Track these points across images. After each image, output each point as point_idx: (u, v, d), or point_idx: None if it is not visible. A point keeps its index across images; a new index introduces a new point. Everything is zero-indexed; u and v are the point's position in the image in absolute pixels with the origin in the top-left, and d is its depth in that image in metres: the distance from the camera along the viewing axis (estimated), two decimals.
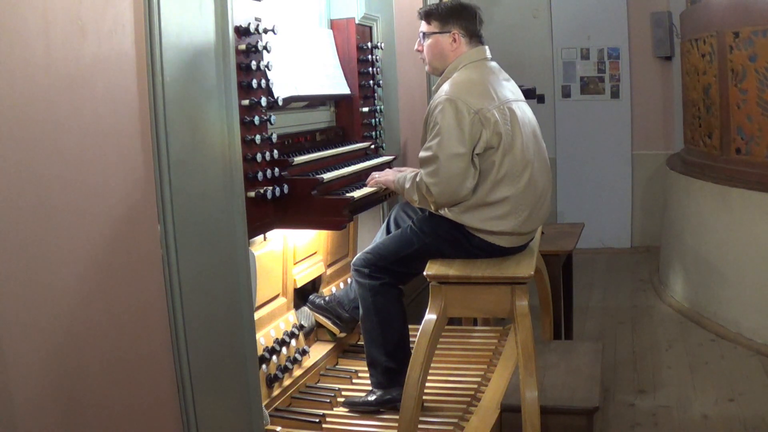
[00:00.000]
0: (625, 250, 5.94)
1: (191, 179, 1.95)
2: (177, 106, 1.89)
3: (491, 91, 2.52)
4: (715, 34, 4.16)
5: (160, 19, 1.83)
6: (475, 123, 2.42)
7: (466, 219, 2.50)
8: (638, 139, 5.93)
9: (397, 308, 2.65)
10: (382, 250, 2.65)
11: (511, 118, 2.50)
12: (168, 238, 1.89)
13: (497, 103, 2.49)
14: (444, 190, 2.44)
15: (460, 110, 2.42)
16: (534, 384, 2.32)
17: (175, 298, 1.91)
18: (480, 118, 2.43)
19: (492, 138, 2.44)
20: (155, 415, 1.90)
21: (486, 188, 2.47)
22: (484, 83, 2.54)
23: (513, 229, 2.51)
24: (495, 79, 2.60)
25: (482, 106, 2.44)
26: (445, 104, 2.45)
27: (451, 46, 2.63)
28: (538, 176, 2.56)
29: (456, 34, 2.62)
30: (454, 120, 2.42)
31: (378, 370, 2.66)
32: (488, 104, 2.46)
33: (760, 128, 3.86)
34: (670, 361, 3.59)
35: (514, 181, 2.48)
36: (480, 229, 2.50)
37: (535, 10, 5.96)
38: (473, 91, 2.49)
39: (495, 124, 2.44)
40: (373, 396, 2.66)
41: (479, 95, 2.48)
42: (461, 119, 2.42)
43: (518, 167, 2.49)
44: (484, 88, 2.52)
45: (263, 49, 2.41)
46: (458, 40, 2.62)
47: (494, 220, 2.48)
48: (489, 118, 2.44)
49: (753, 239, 3.74)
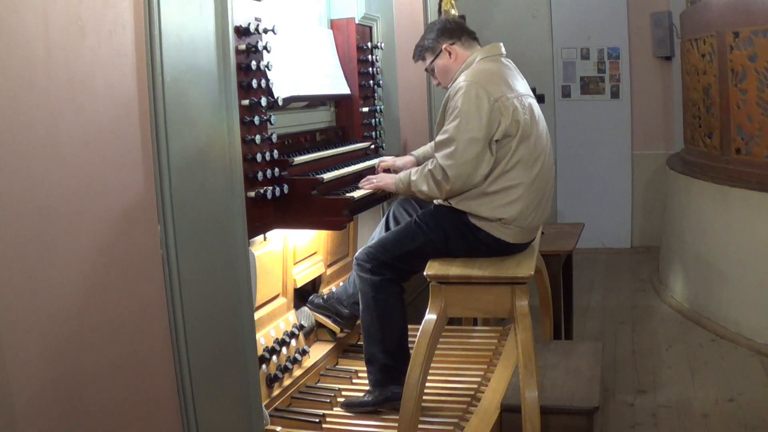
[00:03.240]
0: (625, 250, 5.94)
1: (191, 179, 1.95)
2: (177, 106, 1.89)
3: (510, 81, 2.56)
4: (715, 34, 4.16)
5: (160, 19, 1.83)
6: (495, 110, 2.45)
7: (474, 207, 2.51)
8: (638, 139, 5.93)
9: (397, 306, 2.64)
10: (386, 244, 2.64)
11: (528, 109, 2.55)
12: (168, 238, 1.89)
13: (515, 93, 2.53)
14: (460, 172, 2.45)
15: (480, 96, 2.45)
16: (534, 384, 2.32)
17: (175, 298, 1.91)
18: (499, 105, 2.46)
19: (511, 126, 2.47)
20: (155, 415, 1.90)
21: (497, 174, 2.49)
22: (501, 73, 2.58)
23: (520, 217, 2.51)
24: (510, 73, 2.64)
25: (501, 94, 2.48)
26: (466, 89, 2.47)
27: (451, 59, 2.71)
28: (546, 170, 2.60)
29: (447, 47, 2.70)
30: (474, 105, 2.45)
31: (375, 368, 2.65)
32: (507, 93, 2.50)
33: (760, 128, 3.86)
34: (670, 361, 3.59)
35: (526, 170, 2.51)
36: (487, 218, 2.51)
37: (535, 10, 5.96)
38: (492, 80, 2.52)
39: (514, 112, 2.48)
40: (370, 396, 2.65)
41: (498, 83, 2.52)
42: (480, 105, 2.44)
43: (532, 156, 2.52)
44: (503, 77, 2.56)
45: (263, 49, 2.41)
46: (453, 50, 2.70)
47: (502, 206, 2.50)
48: (508, 106, 2.47)
49: (753, 239, 3.74)
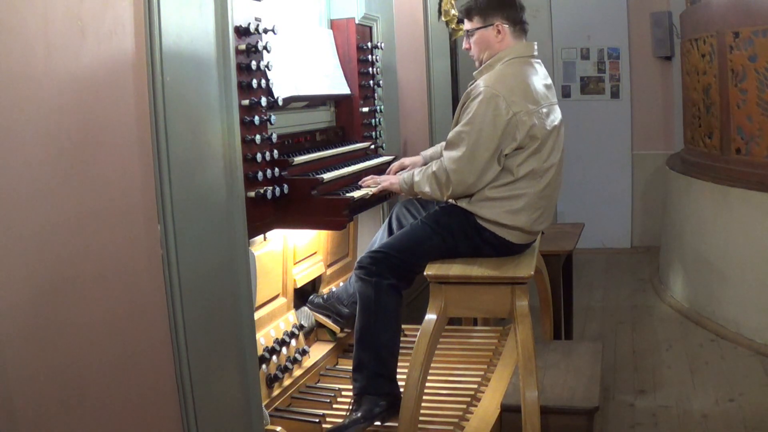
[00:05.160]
0: (625, 250, 5.94)
1: (191, 179, 1.95)
2: (177, 106, 1.88)
3: (533, 92, 2.52)
4: (715, 34, 4.16)
5: (160, 20, 1.82)
6: (510, 125, 2.44)
7: (481, 210, 2.52)
8: (638, 139, 5.93)
9: (396, 314, 2.57)
10: (395, 247, 2.57)
11: (547, 122, 2.52)
12: (168, 238, 1.88)
13: (537, 107, 2.50)
14: (463, 178, 2.47)
15: (499, 107, 2.43)
16: (534, 384, 2.32)
17: (175, 298, 1.91)
18: (516, 120, 2.44)
19: (524, 140, 2.46)
20: (155, 414, 1.90)
21: (505, 183, 2.50)
22: (526, 82, 2.53)
23: (524, 225, 2.53)
24: (538, 80, 2.60)
25: (521, 108, 2.45)
26: (487, 97, 2.45)
27: (496, 38, 2.62)
28: (555, 181, 2.60)
29: (500, 25, 2.61)
30: (491, 115, 2.43)
31: (364, 374, 2.52)
32: (527, 106, 2.46)
33: (760, 128, 3.86)
34: (670, 361, 3.59)
35: (534, 182, 2.51)
36: (493, 221, 2.52)
37: (535, 10, 5.96)
38: (516, 90, 2.48)
39: (531, 128, 2.46)
40: (359, 412, 2.48)
41: (521, 95, 2.48)
42: (497, 117, 2.43)
43: (542, 168, 2.52)
44: (527, 88, 2.51)
45: (263, 49, 2.41)
46: (503, 30, 2.62)
47: (509, 214, 2.51)
48: (525, 121, 2.45)
49: (753, 239, 3.74)
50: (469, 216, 2.55)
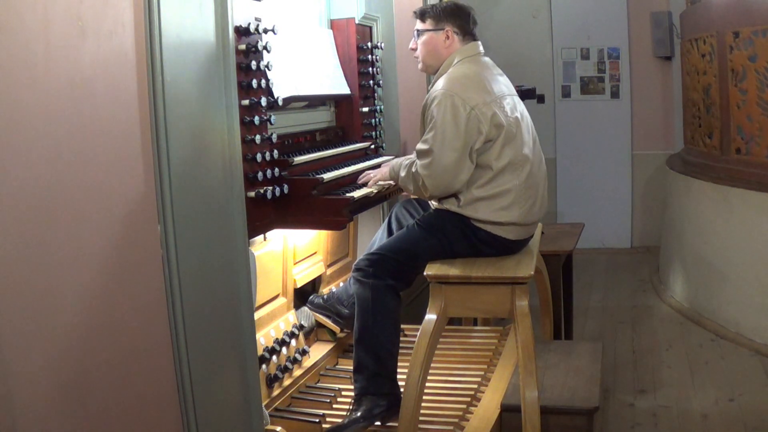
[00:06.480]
0: (625, 250, 5.94)
1: (191, 179, 1.95)
2: (177, 106, 1.88)
3: (487, 85, 2.57)
4: (715, 34, 4.16)
5: (160, 19, 1.83)
6: (472, 119, 2.47)
7: (471, 212, 2.53)
8: (638, 139, 5.93)
9: (394, 315, 2.58)
10: (392, 248, 2.60)
11: (508, 110, 2.56)
12: (168, 238, 1.88)
13: (493, 97, 2.54)
14: (437, 183, 2.50)
15: (456, 105, 2.47)
16: (534, 384, 2.32)
17: (175, 298, 1.91)
18: (477, 113, 2.47)
19: (491, 131, 2.49)
20: (155, 414, 1.90)
21: (488, 179, 2.52)
22: (479, 78, 2.59)
23: (518, 219, 2.55)
24: (490, 74, 2.65)
25: (478, 101, 2.49)
26: (442, 99, 2.49)
27: (444, 44, 2.70)
28: (537, 168, 2.63)
29: (449, 32, 2.69)
30: (450, 115, 2.47)
31: (364, 375, 2.53)
32: (485, 98, 2.51)
33: (760, 128, 3.86)
34: (670, 361, 3.59)
35: (516, 173, 2.53)
36: (486, 221, 2.53)
37: (535, 10, 5.96)
38: (470, 86, 2.53)
39: (493, 116, 2.49)
40: (358, 412, 2.50)
41: (475, 90, 2.53)
42: (457, 115, 2.46)
43: (519, 158, 2.55)
44: (480, 82, 2.57)
45: (263, 49, 2.41)
46: (451, 37, 2.69)
47: (500, 210, 2.52)
48: (485, 112, 2.49)
49: (753, 239, 3.74)
50: (462, 218, 2.55)
